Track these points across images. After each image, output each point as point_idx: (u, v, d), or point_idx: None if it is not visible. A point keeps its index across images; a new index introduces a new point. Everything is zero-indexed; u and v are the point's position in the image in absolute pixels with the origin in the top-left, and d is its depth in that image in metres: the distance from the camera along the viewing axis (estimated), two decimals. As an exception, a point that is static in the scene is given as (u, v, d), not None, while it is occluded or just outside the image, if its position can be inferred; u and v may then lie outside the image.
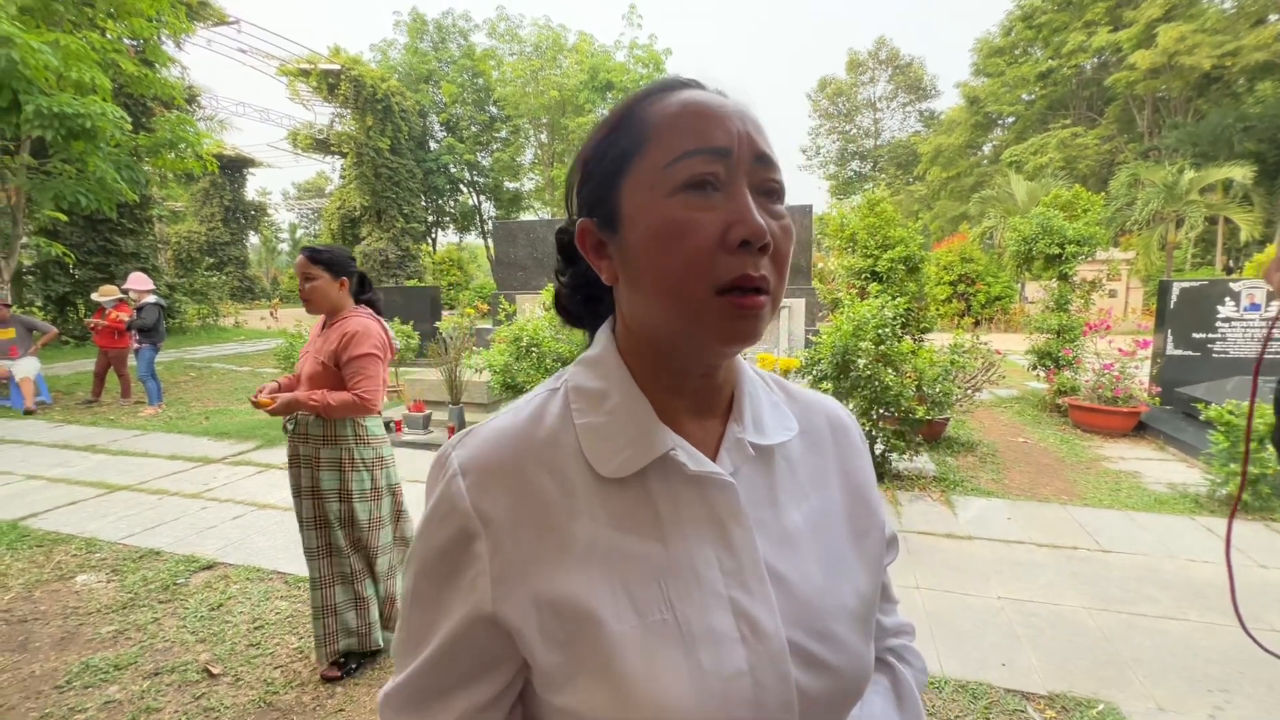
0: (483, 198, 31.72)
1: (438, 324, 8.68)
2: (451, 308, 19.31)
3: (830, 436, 0.60)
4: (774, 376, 0.62)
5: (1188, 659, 2.35)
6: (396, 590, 2.32)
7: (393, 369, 8.05)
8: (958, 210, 33.13)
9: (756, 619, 0.46)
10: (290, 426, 2.28)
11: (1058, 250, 6.80)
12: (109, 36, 9.26)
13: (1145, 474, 4.62)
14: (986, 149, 36.73)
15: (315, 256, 2.22)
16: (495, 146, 29.88)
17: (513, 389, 4.92)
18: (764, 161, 0.46)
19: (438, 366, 5.74)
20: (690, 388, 0.51)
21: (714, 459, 0.51)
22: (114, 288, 7.72)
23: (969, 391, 5.58)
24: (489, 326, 9.71)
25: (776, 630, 0.46)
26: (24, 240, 10.62)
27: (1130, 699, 2.13)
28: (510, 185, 30.82)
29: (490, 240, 28.36)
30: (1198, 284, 6.26)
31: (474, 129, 29.33)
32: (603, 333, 0.54)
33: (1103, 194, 15.32)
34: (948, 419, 5.39)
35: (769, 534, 0.50)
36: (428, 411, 5.74)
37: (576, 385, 0.52)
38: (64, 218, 10.25)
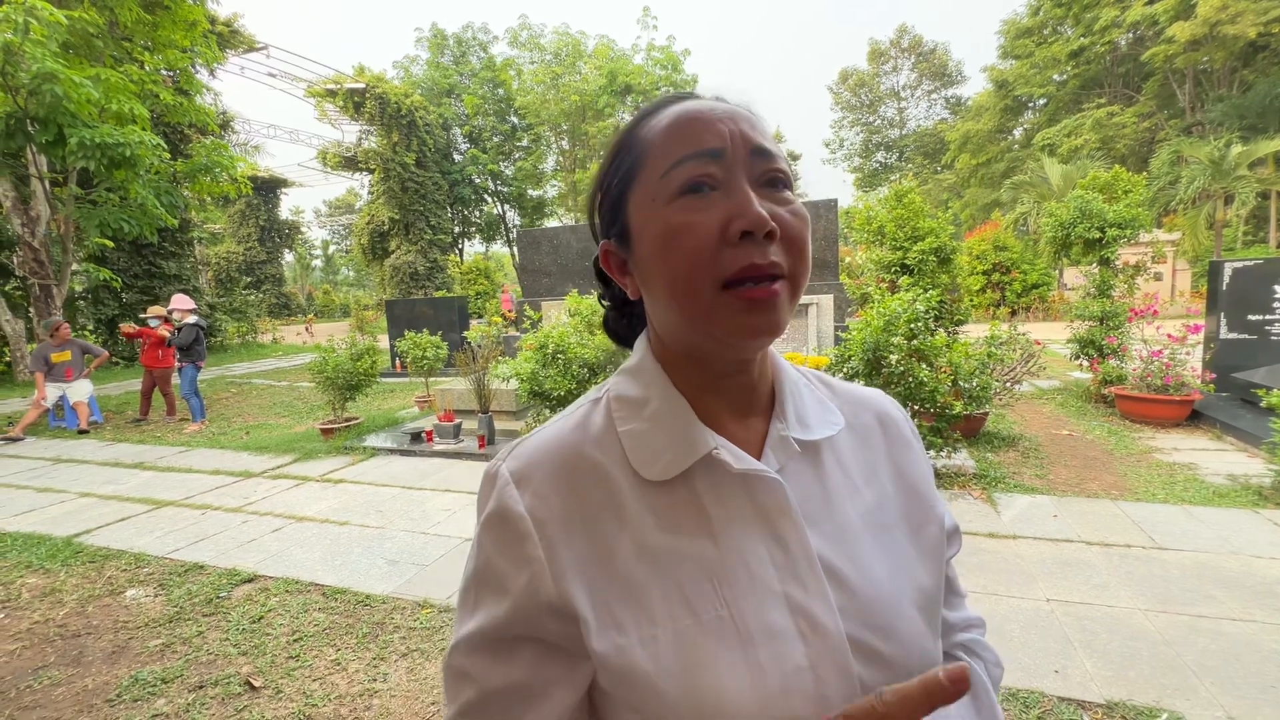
0: (507, 206, 32.10)
1: (466, 333, 8.78)
2: (479, 316, 19.55)
3: (880, 431, 0.59)
4: (818, 374, 0.62)
5: (1257, 664, 2.21)
6: None
7: (422, 379, 8.18)
8: (989, 197, 32.26)
9: (814, 614, 0.46)
10: None
11: (1098, 234, 6.54)
12: (146, 68, 9.66)
13: (1202, 465, 4.39)
14: (1017, 133, 35.69)
15: None
16: (518, 155, 30.21)
17: (540, 396, 4.94)
18: (762, 153, 0.46)
19: (466, 376, 5.80)
20: (727, 386, 0.52)
21: (759, 457, 0.51)
22: (161, 308, 8.05)
23: (1008, 384, 5.41)
24: (516, 334, 9.79)
25: (835, 625, 0.46)
26: (75, 267, 11.14)
27: (1196, 708, 2.00)
28: (533, 193, 31.12)
29: (515, 248, 28.69)
30: (1252, 263, 5.94)
31: (496, 139, 29.71)
32: (640, 342, 0.55)
33: (1144, 174, 14.72)
34: (986, 413, 5.21)
35: (822, 529, 0.50)
36: (458, 421, 5.80)
37: (618, 394, 0.53)
38: (110, 244, 10.73)
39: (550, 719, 0.47)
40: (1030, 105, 34.95)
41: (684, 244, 0.44)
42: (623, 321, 0.61)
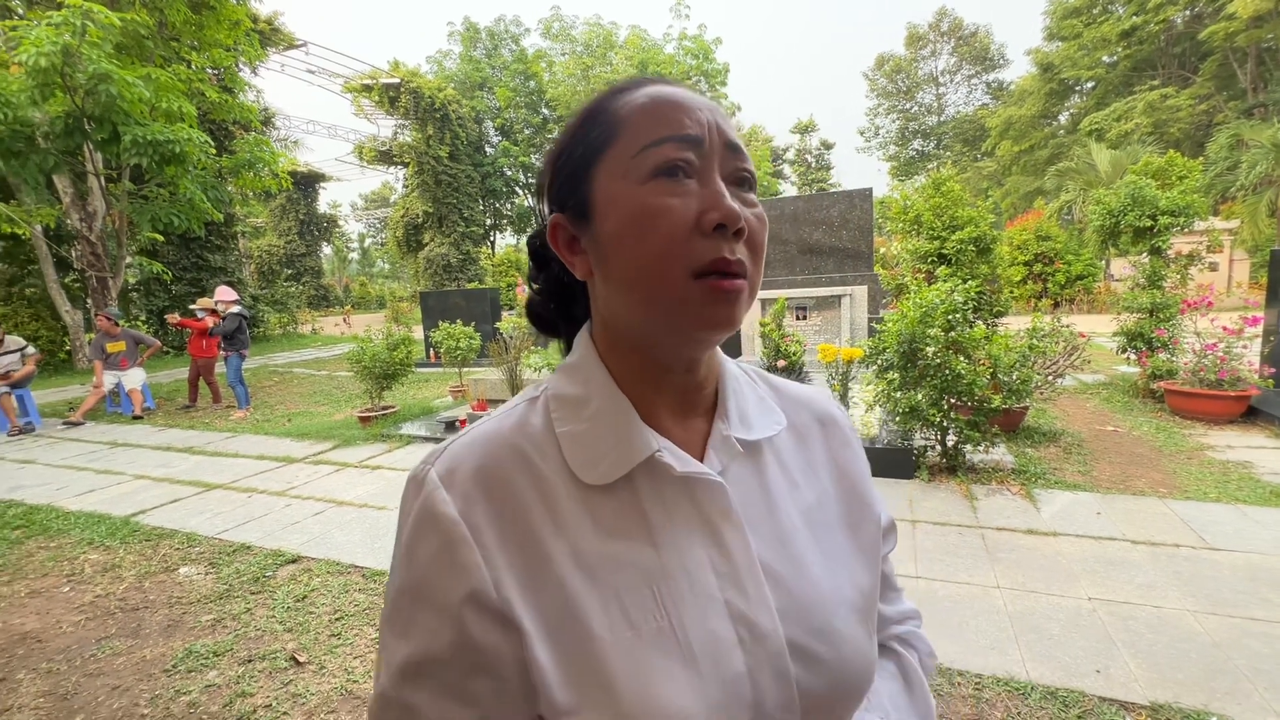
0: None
1: (498, 324, 8.90)
2: (511, 308, 19.79)
3: (818, 429, 0.59)
4: (759, 371, 0.61)
5: (1316, 669, 2.11)
6: None
7: (456, 369, 8.33)
8: (1031, 185, 31.19)
9: (754, 621, 0.45)
10: None
11: (1149, 222, 6.27)
12: (193, 67, 9.98)
13: (1258, 464, 4.20)
14: (1063, 118, 34.36)
15: None
16: (548, 147, 30.34)
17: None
18: (734, 150, 0.46)
19: (499, 366, 5.89)
20: (672, 384, 0.50)
21: (701, 459, 0.50)
22: (209, 300, 8.40)
23: (1050, 378, 5.25)
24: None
25: (775, 630, 0.45)
26: (128, 260, 11.63)
27: (1248, 713, 1.93)
28: (564, 185, 31.21)
29: (546, 240, 28.75)
30: (1317, 252, 5.63)
31: (527, 131, 29.88)
32: (581, 337, 0.53)
33: (1200, 159, 14.03)
34: (1027, 407, 5.07)
35: (762, 532, 0.49)
36: (491, 410, 5.89)
37: (556, 393, 0.51)
38: (160, 238, 11.17)
39: None
40: (1077, 89, 33.58)
41: (657, 228, 0.43)
42: (550, 308, 0.58)
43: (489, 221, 30.71)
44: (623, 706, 0.41)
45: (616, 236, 0.45)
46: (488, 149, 29.58)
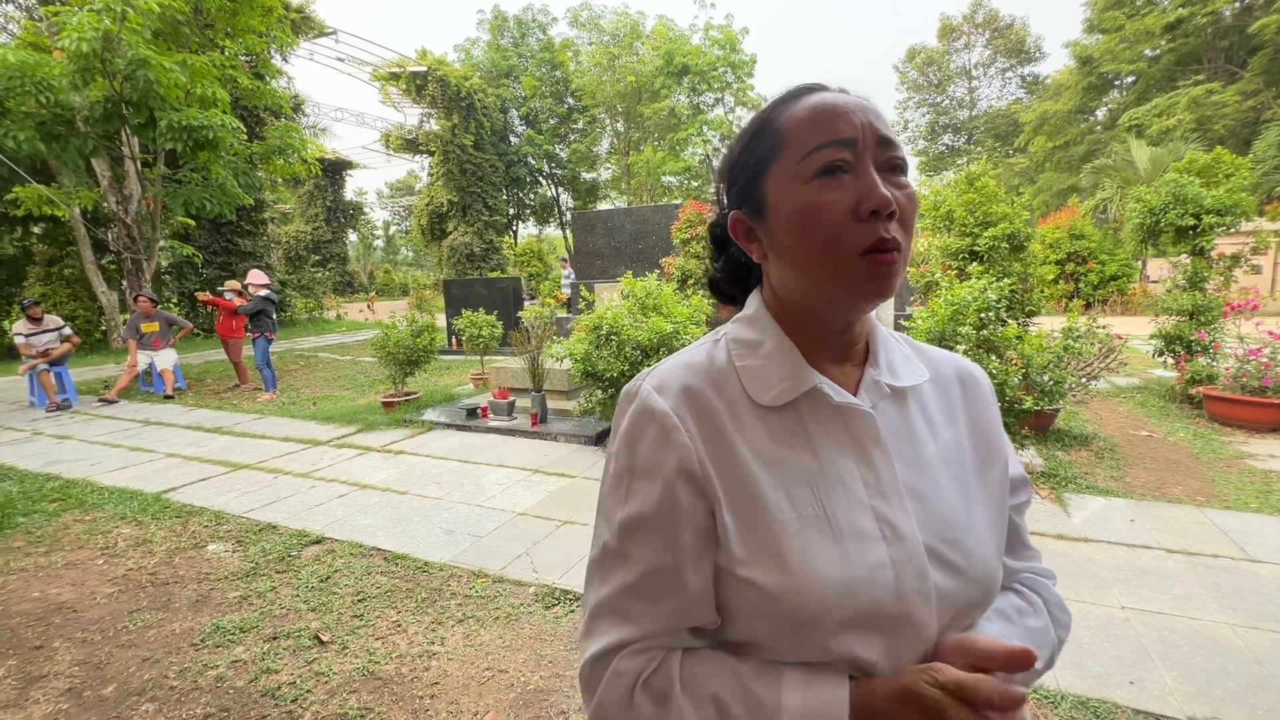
0: (560, 189, 32.30)
1: (520, 314, 8.93)
2: (533, 297, 19.84)
3: (959, 385, 0.68)
4: (905, 337, 0.70)
5: (1365, 690, 2.03)
6: None
7: (478, 357, 8.38)
8: (1065, 183, 30.36)
9: (896, 523, 0.55)
10: None
11: (1192, 221, 6.05)
12: (226, 54, 10.12)
13: (1302, 475, 4.04)
14: (1100, 114, 33.30)
15: None
16: (573, 138, 30.29)
17: (593, 377, 4.97)
18: (886, 143, 0.54)
19: (521, 355, 5.90)
20: (831, 341, 0.61)
21: (855, 395, 0.60)
22: (237, 283, 8.56)
23: (1084, 380, 5.11)
24: (569, 315, 9.88)
25: (914, 534, 0.55)
26: (161, 243, 11.88)
27: (1291, 732, 1.86)
28: (587, 176, 31.17)
29: (568, 231, 28.88)
30: (1373, 256, 5.38)
31: (552, 121, 29.83)
32: (754, 297, 0.65)
33: (1248, 157, 13.53)
34: (1058, 409, 4.94)
35: (905, 459, 0.59)
36: (512, 398, 5.92)
37: (736, 336, 0.63)
38: (193, 222, 11.38)
39: (698, 590, 0.56)
40: (1117, 83, 32.52)
41: (822, 219, 0.53)
42: (730, 280, 0.71)
43: (512, 211, 30.78)
44: (786, 565, 0.53)
45: (788, 229, 0.56)
46: (512, 138, 29.61)
